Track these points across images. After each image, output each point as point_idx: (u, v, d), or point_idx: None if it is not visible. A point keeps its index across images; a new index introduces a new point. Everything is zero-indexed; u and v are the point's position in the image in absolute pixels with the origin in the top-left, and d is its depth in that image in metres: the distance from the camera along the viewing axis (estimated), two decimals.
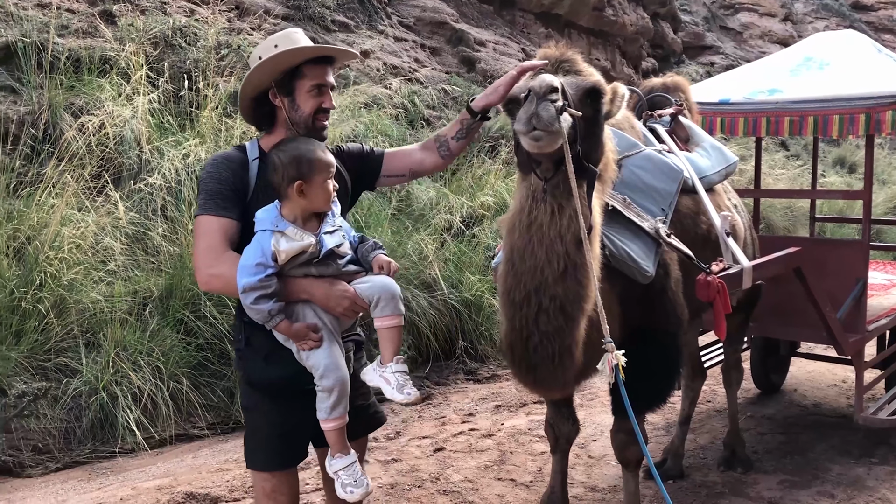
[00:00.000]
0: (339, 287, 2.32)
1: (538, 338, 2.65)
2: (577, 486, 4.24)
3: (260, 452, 2.45)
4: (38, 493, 4.14)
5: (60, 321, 4.80)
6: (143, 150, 5.92)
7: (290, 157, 2.28)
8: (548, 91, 2.35)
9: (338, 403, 2.30)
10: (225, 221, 2.32)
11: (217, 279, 2.31)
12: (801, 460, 4.58)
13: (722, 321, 3.14)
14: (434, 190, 7.58)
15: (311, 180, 2.27)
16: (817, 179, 6.57)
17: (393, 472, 4.45)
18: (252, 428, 2.50)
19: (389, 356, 2.38)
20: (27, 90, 6.05)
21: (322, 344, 2.29)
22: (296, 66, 2.39)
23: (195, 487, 4.17)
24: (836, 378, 6.28)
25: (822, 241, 6.07)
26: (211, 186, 2.34)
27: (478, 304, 6.73)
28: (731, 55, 20.57)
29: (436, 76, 10.45)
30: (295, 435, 2.45)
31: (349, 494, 2.32)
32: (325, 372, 2.27)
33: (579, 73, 2.65)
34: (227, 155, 2.44)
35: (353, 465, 2.34)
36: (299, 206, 2.29)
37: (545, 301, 2.59)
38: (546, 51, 2.73)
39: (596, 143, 2.66)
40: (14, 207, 5.20)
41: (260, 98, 2.45)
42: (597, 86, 2.60)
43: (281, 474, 2.46)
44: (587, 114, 2.54)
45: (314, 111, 2.42)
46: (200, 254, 2.32)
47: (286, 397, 2.40)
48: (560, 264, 2.57)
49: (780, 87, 4.61)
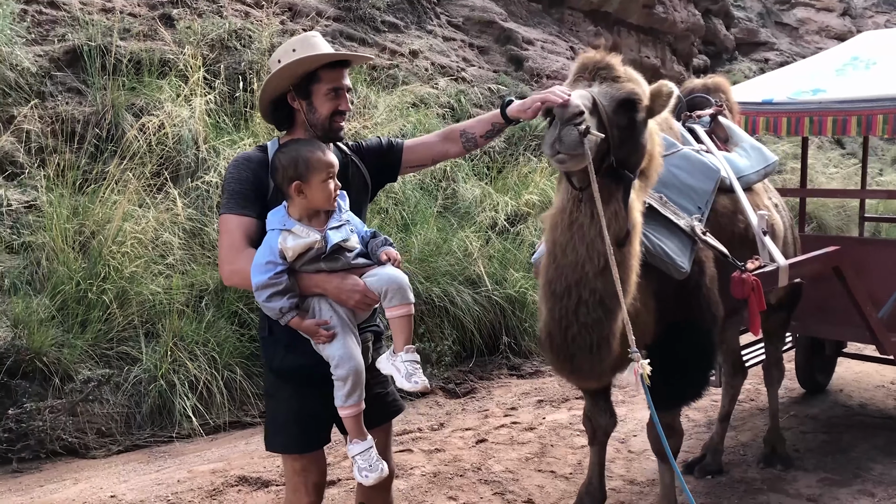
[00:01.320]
0: (350, 281, 2.42)
1: (577, 328, 2.77)
2: (616, 479, 4.32)
3: (280, 436, 2.56)
4: (101, 474, 4.39)
5: (122, 312, 5.06)
6: (200, 149, 6.17)
7: (289, 158, 2.41)
8: (572, 116, 2.45)
9: (352, 392, 2.40)
10: (245, 220, 2.44)
11: (237, 275, 2.43)
12: (843, 459, 4.58)
13: (756, 318, 3.20)
14: (479, 188, 7.69)
15: (309, 181, 2.38)
16: (867, 178, 6.50)
17: (436, 461, 4.59)
18: (273, 413, 2.62)
19: (401, 345, 2.47)
20: (91, 91, 6.34)
21: (335, 336, 2.40)
22: (312, 70, 2.50)
23: (247, 472, 4.37)
24: (885, 379, 6.21)
25: (866, 240, 6.01)
26: (232, 186, 2.47)
27: (521, 300, 6.82)
28: (787, 51, 20.19)
29: (483, 75, 10.55)
30: (314, 420, 2.55)
31: (364, 478, 2.44)
32: (340, 362, 2.38)
33: (617, 80, 2.70)
34: (247, 156, 2.55)
35: (369, 451, 2.45)
36: (301, 206, 2.41)
37: (585, 294, 2.71)
38: (584, 57, 2.79)
39: (634, 147, 2.73)
40: (79, 204, 5.49)
41: (279, 100, 2.55)
42: (631, 96, 2.66)
43: (307, 455, 2.58)
44: (621, 123, 2.62)
45: (331, 113, 2.53)
46: (223, 251, 2.46)
47: (306, 384, 2.51)
48: (601, 261, 2.67)
49: (825, 86, 4.62)
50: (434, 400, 5.85)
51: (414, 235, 6.59)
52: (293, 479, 2.59)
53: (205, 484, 4.24)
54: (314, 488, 2.59)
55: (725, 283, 3.31)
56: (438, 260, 6.49)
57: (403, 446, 4.83)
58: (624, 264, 2.75)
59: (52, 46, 6.54)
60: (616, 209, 2.68)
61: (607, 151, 2.59)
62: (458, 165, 7.89)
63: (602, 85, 2.67)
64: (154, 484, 4.26)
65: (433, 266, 6.39)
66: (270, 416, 2.64)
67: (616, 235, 2.67)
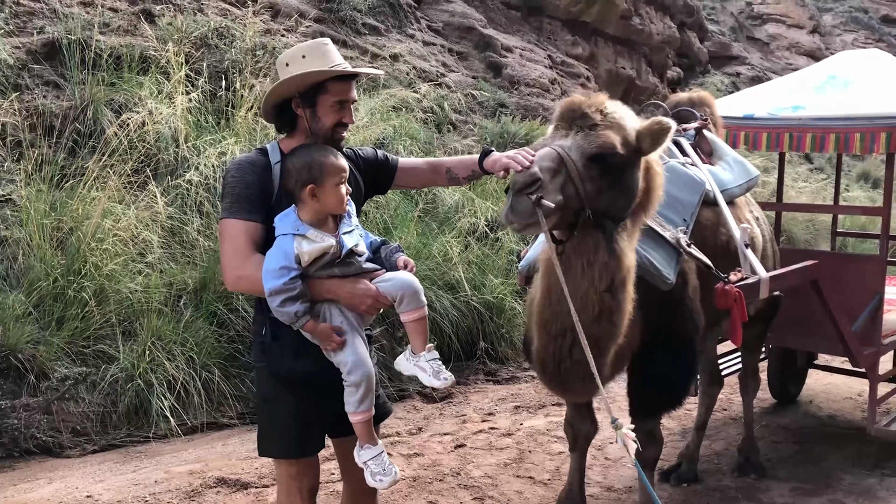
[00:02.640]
0: (362, 286, 2.42)
1: (570, 363, 2.85)
2: (594, 485, 4.37)
3: (278, 441, 2.54)
4: (76, 473, 4.33)
5: (100, 310, 5.00)
6: (181, 147, 6.12)
7: (303, 162, 2.41)
8: (523, 186, 2.47)
9: (365, 397, 2.41)
10: (251, 225, 2.41)
11: (244, 280, 2.41)
12: (814, 469, 4.68)
13: (738, 329, 3.27)
14: (460, 193, 7.72)
15: (322, 184, 2.38)
16: (840, 194, 6.65)
17: (415, 465, 4.60)
18: (271, 418, 2.58)
19: (421, 346, 2.50)
20: (70, 86, 6.26)
21: (344, 345, 2.40)
22: (321, 81, 2.49)
23: (226, 473, 4.35)
24: (852, 391, 6.35)
25: (842, 255, 6.15)
26: (238, 191, 2.43)
27: (499, 306, 6.86)
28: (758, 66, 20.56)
29: (463, 81, 10.60)
30: (313, 426, 2.55)
31: (379, 483, 2.43)
32: (353, 368, 2.39)
33: (594, 128, 2.66)
34: (251, 159, 2.51)
35: (381, 455, 2.45)
36: (313, 210, 2.40)
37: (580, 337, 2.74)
38: (564, 104, 2.77)
39: (618, 194, 2.71)
40: (57, 199, 5.41)
41: (282, 105, 2.54)
42: (601, 150, 2.62)
43: (304, 460, 2.57)
44: (595, 175, 2.61)
45: (334, 124, 2.52)
46: (228, 256, 2.42)
47: (309, 390, 2.50)
48: (595, 310, 2.76)
49: (804, 103, 4.72)
50: (412, 404, 5.86)
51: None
52: (287, 484, 2.58)
53: (183, 485, 4.21)
54: (309, 493, 2.58)
55: (707, 294, 3.38)
56: (418, 265, 6.45)
57: None
58: (618, 309, 2.81)
59: (30, 38, 6.45)
60: (602, 259, 2.70)
61: (581, 206, 2.60)
62: None
63: (578, 135, 2.66)
64: (131, 484, 4.21)
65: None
66: (268, 420, 2.61)
67: (607, 284, 2.71)
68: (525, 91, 11.52)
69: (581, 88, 13.09)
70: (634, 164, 2.75)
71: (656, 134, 2.70)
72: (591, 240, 2.70)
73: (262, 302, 2.45)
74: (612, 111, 2.74)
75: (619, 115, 2.74)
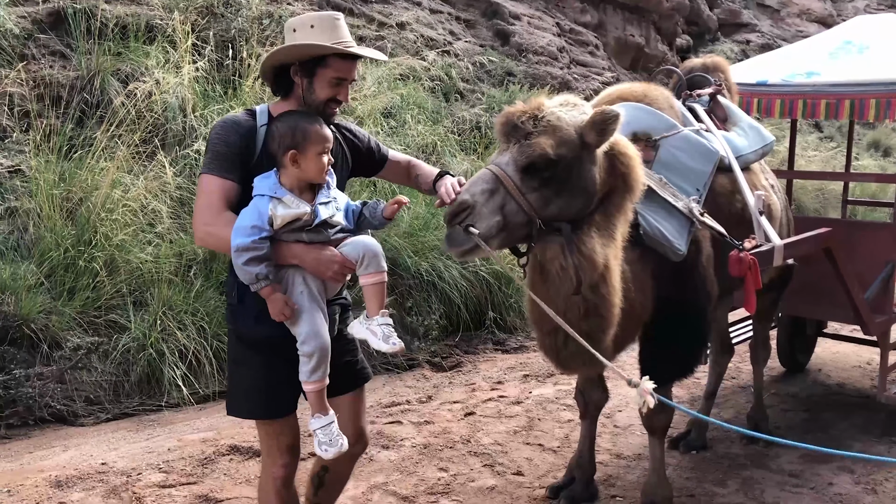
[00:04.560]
0: (328, 253, 2.44)
1: (567, 353, 2.89)
2: (603, 453, 4.39)
3: (246, 403, 2.59)
4: (90, 441, 4.37)
5: (111, 280, 5.02)
6: (189, 117, 6.09)
7: (288, 127, 2.41)
8: (452, 216, 2.51)
9: (317, 368, 2.42)
10: (227, 183, 2.43)
11: (212, 237, 2.44)
12: (823, 437, 4.69)
13: (752, 296, 3.25)
14: (467, 163, 7.69)
15: (304, 151, 2.39)
16: (851, 162, 6.60)
17: (426, 433, 4.63)
18: (238, 380, 2.62)
19: (375, 310, 2.50)
20: (76, 56, 6.22)
21: (300, 316, 2.41)
22: (323, 55, 2.47)
23: (238, 441, 4.38)
24: (861, 360, 6.35)
25: (855, 222, 6.11)
26: (218, 148, 2.44)
27: (508, 276, 6.85)
28: (768, 34, 20.28)
29: (470, 49, 10.49)
30: (280, 388, 2.55)
31: (324, 452, 2.47)
32: (306, 338, 2.40)
33: (528, 137, 2.60)
34: (236, 119, 2.52)
35: (330, 426, 2.47)
36: (293, 175, 2.41)
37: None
38: (499, 118, 2.72)
39: (571, 196, 2.64)
40: (66, 170, 5.40)
41: (281, 69, 2.53)
42: (531, 160, 2.57)
43: (278, 420, 2.59)
44: (536, 185, 2.57)
45: (328, 99, 2.52)
46: (199, 210, 2.44)
47: (274, 353, 2.51)
48: (581, 309, 2.77)
49: (819, 69, 4.66)
50: (421, 373, 5.88)
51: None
52: (268, 443, 2.63)
53: (195, 452, 4.25)
54: (288, 449, 2.62)
55: (721, 262, 3.36)
56: (427, 234, 6.49)
57: (393, 418, 4.87)
58: (604, 303, 2.81)
59: (36, 8, 6.39)
60: (572, 262, 2.66)
61: (529, 219, 2.58)
62: (446, 140, 7.88)
63: (514, 148, 2.62)
64: (144, 452, 4.26)
65: (422, 241, 6.39)
66: (236, 382, 2.64)
67: (580, 283, 2.68)
68: (533, 59, 11.39)
69: (590, 56, 12.96)
70: (585, 160, 2.65)
71: (600, 125, 2.59)
72: (556, 246, 2.67)
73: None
74: (547, 115, 2.62)
75: (556, 117, 2.62)
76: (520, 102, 2.72)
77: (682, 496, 3.86)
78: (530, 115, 2.63)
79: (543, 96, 2.76)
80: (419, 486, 3.94)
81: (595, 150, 2.67)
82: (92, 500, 3.68)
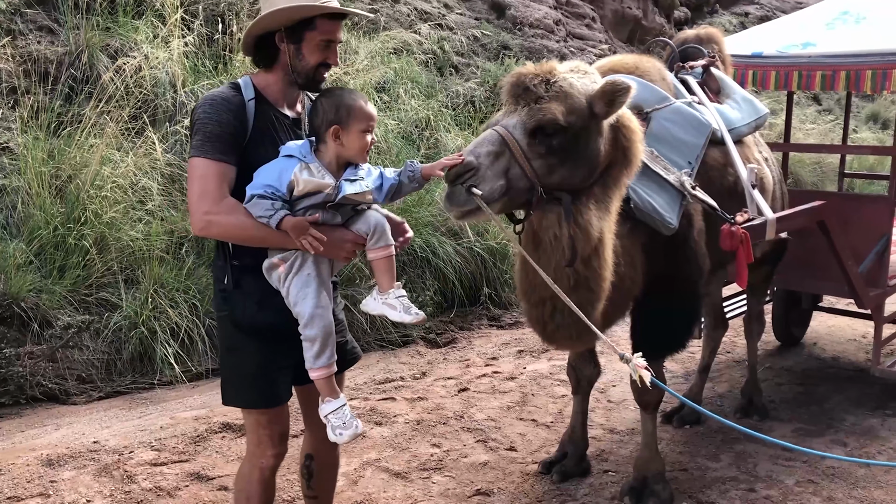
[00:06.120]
0: (339, 233, 2.35)
1: (554, 326, 2.86)
2: (597, 427, 4.39)
3: (244, 392, 2.48)
4: (82, 420, 4.36)
5: (101, 258, 4.98)
6: (179, 92, 6.02)
7: (333, 103, 2.33)
8: (456, 176, 2.43)
9: (322, 352, 2.34)
10: (223, 166, 2.28)
11: (215, 226, 2.28)
12: (817, 410, 4.69)
13: (744, 270, 3.23)
14: (462, 138, 7.62)
15: (348, 127, 2.31)
16: (848, 135, 6.55)
17: (419, 409, 4.63)
18: (234, 368, 2.51)
19: (388, 284, 2.42)
20: (64, 31, 6.14)
21: (306, 296, 2.32)
22: (310, 16, 2.37)
23: (230, 419, 4.37)
24: (856, 333, 6.35)
25: (849, 196, 6.07)
26: (210, 128, 2.28)
27: (503, 252, 6.83)
28: (767, 5, 20.08)
29: (465, 22, 10.38)
30: (278, 375, 2.48)
31: (339, 437, 2.37)
32: (310, 320, 2.31)
33: (539, 101, 2.55)
34: (225, 96, 2.36)
35: (342, 408, 2.39)
36: (333, 151, 2.33)
37: (559, 304, 2.69)
38: (509, 78, 2.65)
39: (575, 165, 2.60)
40: (55, 147, 5.35)
41: (264, 37, 2.41)
42: (540, 123, 2.52)
43: (272, 409, 2.50)
44: (542, 151, 2.52)
45: (318, 64, 2.41)
46: (197, 198, 2.27)
47: (273, 339, 2.43)
48: (570, 281, 2.72)
49: (814, 40, 4.59)
50: (416, 349, 5.87)
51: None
52: (257, 433, 2.51)
53: (188, 430, 4.24)
54: (280, 439, 2.54)
55: (713, 236, 3.33)
56: (421, 210, 6.45)
57: (386, 394, 4.86)
58: (594, 277, 2.77)
59: None
60: (567, 232, 2.62)
61: (531, 185, 2.53)
62: (441, 115, 7.81)
63: (522, 111, 2.55)
64: (137, 430, 4.25)
65: (416, 216, 6.35)
66: (232, 370, 2.53)
67: (574, 255, 2.64)
68: (529, 32, 11.28)
69: (586, 29, 12.84)
70: (592, 130, 2.60)
71: (610, 95, 2.54)
72: (553, 215, 2.63)
73: (224, 248, 2.39)
74: (559, 80, 2.57)
75: (568, 84, 2.57)
76: (531, 64, 2.66)
77: (675, 470, 3.86)
78: (543, 79, 2.58)
79: (555, 61, 2.71)
80: (412, 462, 3.94)
81: (602, 120, 2.62)
82: (83, 478, 3.68)
